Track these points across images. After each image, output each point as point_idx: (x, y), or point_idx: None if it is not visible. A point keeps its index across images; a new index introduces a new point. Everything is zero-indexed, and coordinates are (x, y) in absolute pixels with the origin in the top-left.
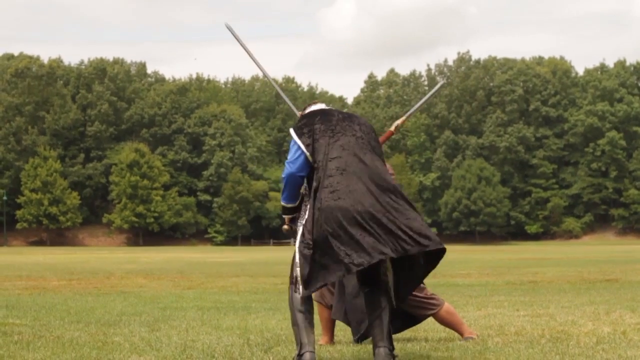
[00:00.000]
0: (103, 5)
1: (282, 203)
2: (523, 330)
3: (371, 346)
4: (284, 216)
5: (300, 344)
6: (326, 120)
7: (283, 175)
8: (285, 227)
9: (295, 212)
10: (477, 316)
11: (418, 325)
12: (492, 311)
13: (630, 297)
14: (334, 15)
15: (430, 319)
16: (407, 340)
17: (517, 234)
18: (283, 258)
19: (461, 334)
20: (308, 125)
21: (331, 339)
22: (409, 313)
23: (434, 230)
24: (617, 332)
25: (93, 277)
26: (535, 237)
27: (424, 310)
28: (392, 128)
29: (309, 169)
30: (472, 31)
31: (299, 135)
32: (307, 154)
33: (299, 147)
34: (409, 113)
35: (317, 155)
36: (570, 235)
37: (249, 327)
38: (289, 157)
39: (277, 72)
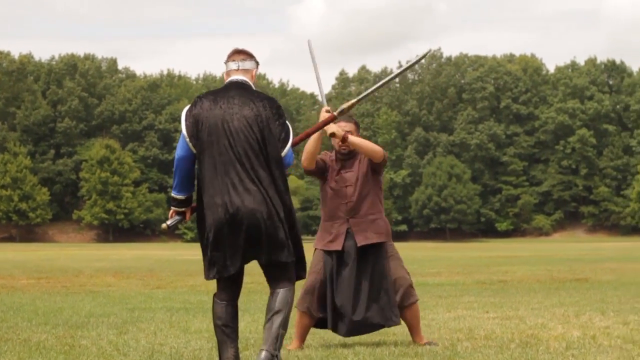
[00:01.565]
0: (73, 0)
1: None
2: (493, 334)
3: (341, 349)
4: None
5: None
6: None
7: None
8: None
9: None
10: (446, 318)
11: (387, 330)
12: (462, 313)
13: (599, 299)
14: (303, 12)
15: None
16: (375, 345)
17: (487, 231)
18: None
19: (417, 339)
20: None
21: (301, 345)
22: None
23: (404, 227)
24: (586, 337)
25: (62, 275)
26: (506, 234)
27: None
28: (336, 112)
29: None
30: (442, 28)
31: None
32: None
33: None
34: (359, 98)
35: None
36: (540, 232)
37: None
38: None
39: None
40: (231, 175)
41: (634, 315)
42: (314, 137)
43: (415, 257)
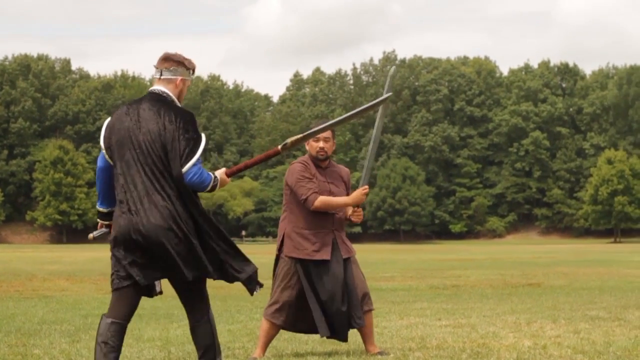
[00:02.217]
0: (26, 0)
1: None
2: (444, 344)
3: (294, 359)
4: None
5: None
6: None
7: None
8: None
9: None
10: (399, 326)
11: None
12: (414, 320)
13: (551, 305)
14: (258, 12)
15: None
16: (327, 354)
17: (441, 232)
18: None
19: (370, 347)
20: None
21: (263, 354)
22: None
23: (358, 229)
24: (537, 347)
25: (15, 279)
26: (460, 236)
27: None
28: (279, 147)
29: None
30: (396, 29)
31: None
32: None
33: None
34: (305, 134)
35: None
36: (494, 234)
37: (170, 337)
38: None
39: (201, 70)
40: (138, 189)
41: (584, 324)
42: (342, 203)
43: (369, 260)
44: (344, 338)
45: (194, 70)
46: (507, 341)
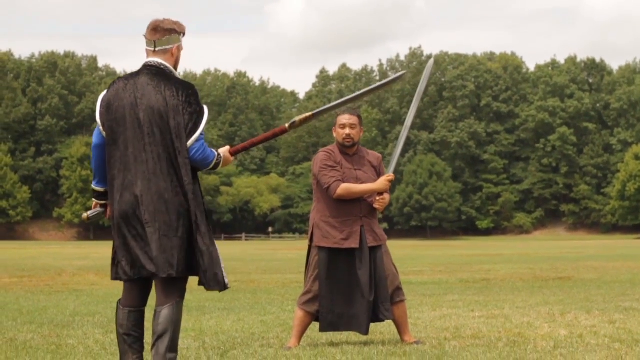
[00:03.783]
0: None
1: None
2: (480, 333)
3: (329, 349)
4: None
5: None
6: None
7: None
8: None
9: None
10: (432, 317)
11: (374, 329)
12: (447, 312)
13: (584, 297)
14: (282, 10)
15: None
16: (363, 344)
17: (468, 229)
18: (235, 254)
19: (405, 337)
20: None
21: (298, 342)
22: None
23: (384, 225)
24: (573, 336)
25: (44, 274)
26: (487, 232)
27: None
28: (286, 125)
29: None
30: (421, 26)
31: None
32: None
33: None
34: (314, 112)
35: None
36: (521, 230)
37: (204, 328)
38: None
39: (226, 67)
40: (137, 169)
41: (619, 314)
42: (365, 190)
43: (396, 255)
44: (364, 331)
45: (184, 33)
46: (543, 331)
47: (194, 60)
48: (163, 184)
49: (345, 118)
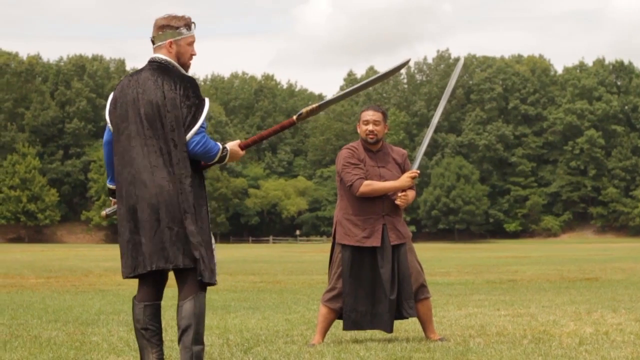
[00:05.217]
0: (81, 1)
1: None
2: (505, 331)
3: (353, 345)
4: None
5: None
6: None
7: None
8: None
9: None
10: (457, 316)
11: (399, 326)
12: (473, 310)
13: (610, 297)
14: (309, 12)
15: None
16: (387, 340)
17: (495, 232)
18: (261, 256)
19: (430, 334)
20: None
21: (322, 340)
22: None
23: (412, 228)
24: (599, 333)
25: (71, 274)
26: (514, 235)
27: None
28: (294, 117)
29: None
30: (447, 29)
31: None
32: None
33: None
34: (320, 103)
35: None
36: (549, 233)
37: (228, 326)
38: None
39: (254, 69)
40: (139, 164)
41: None
42: (388, 187)
43: (423, 257)
44: (388, 329)
45: (188, 26)
46: (568, 328)
47: (222, 63)
48: (165, 178)
49: (368, 114)
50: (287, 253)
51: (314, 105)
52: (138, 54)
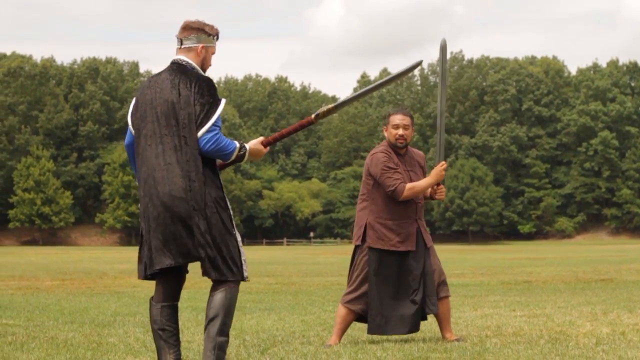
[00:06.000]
0: (94, 4)
1: None
2: (521, 331)
3: (370, 346)
4: None
5: None
6: None
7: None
8: None
9: None
10: (473, 316)
11: None
12: (489, 311)
13: (626, 297)
14: (321, 15)
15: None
16: (404, 341)
17: (510, 233)
18: (276, 258)
19: (446, 334)
20: None
21: (339, 341)
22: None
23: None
24: (616, 333)
25: (86, 277)
26: (528, 236)
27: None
28: (312, 116)
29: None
30: (460, 30)
31: None
32: None
33: None
34: (337, 104)
35: None
36: (563, 234)
37: (244, 327)
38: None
39: (266, 72)
40: (156, 162)
41: None
42: (426, 185)
43: (440, 261)
44: (415, 328)
45: (217, 36)
46: (585, 329)
47: (235, 65)
48: (178, 174)
49: (398, 118)
50: (301, 255)
51: (330, 106)
52: (151, 57)
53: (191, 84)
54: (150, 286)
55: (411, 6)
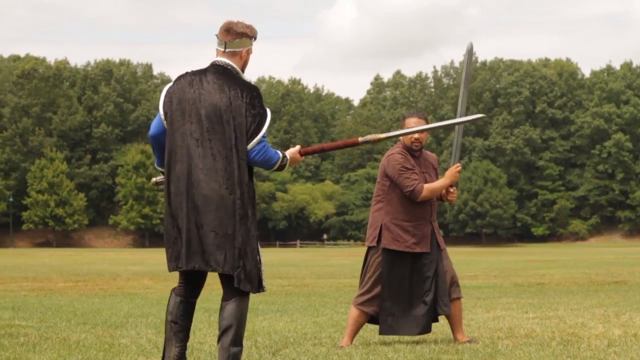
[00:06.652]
0: (108, 6)
1: None
2: (533, 333)
3: (381, 347)
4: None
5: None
6: None
7: None
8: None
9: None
10: (485, 318)
11: None
12: (501, 313)
13: (639, 300)
14: (334, 17)
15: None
16: (415, 342)
17: (523, 235)
18: (289, 260)
19: (458, 336)
20: None
21: (351, 342)
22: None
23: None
24: (628, 335)
25: (99, 278)
26: (542, 239)
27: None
28: (359, 139)
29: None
30: (473, 32)
31: None
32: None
33: None
34: (389, 135)
35: None
36: (576, 237)
37: (256, 329)
38: None
39: (279, 74)
40: (192, 163)
41: None
42: (441, 186)
43: (452, 263)
44: (427, 329)
45: (255, 37)
46: (597, 331)
47: (249, 67)
48: (219, 181)
49: (413, 121)
50: (315, 257)
51: (381, 136)
52: (165, 59)
53: (243, 93)
54: (163, 288)
55: (425, 8)
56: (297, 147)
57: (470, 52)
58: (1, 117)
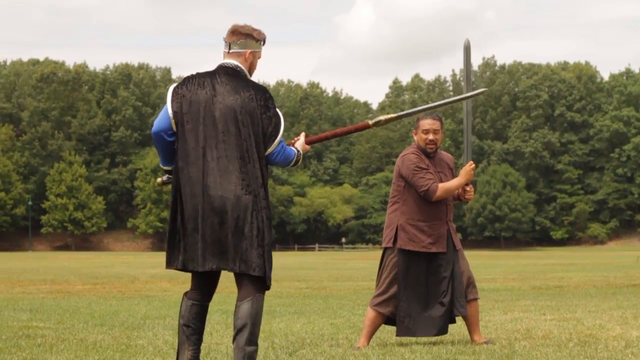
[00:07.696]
0: (127, 10)
1: None
2: (550, 334)
3: (398, 348)
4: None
5: None
6: None
7: None
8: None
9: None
10: (503, 320)
11: None
12: (519, 315)
13: None
14: (351, 21)
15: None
16: (432, 343)
17: (542, 239)
18: (307, 263)
19: (475, 337)
20: None
21: (368, 343)
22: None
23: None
24: None
25: (117, 281)
26: (561, 242)
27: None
28: (370, 122)
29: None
30: (491, 36)
31: None
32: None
33: None
34: (400, 114)
35: None
36: (595, 240)
37: (273, 330)
38: None
39: (297, 77)
40: (207, 165)
41: None
42: (456, 185)
43: (469, 264)
44: (443, 331)
45: (264, 41)
46: (614, 332)
47: (267, 71)
48: (234, 182)
49: (428, 123)
50: (333, 260)
51: (392, 115)
52: (184, 63)
53: (256, 95)
54: (181, 290)
55: (442, 12)
56: (302, 136)
57: (467, 49)
58: (20, 120)
